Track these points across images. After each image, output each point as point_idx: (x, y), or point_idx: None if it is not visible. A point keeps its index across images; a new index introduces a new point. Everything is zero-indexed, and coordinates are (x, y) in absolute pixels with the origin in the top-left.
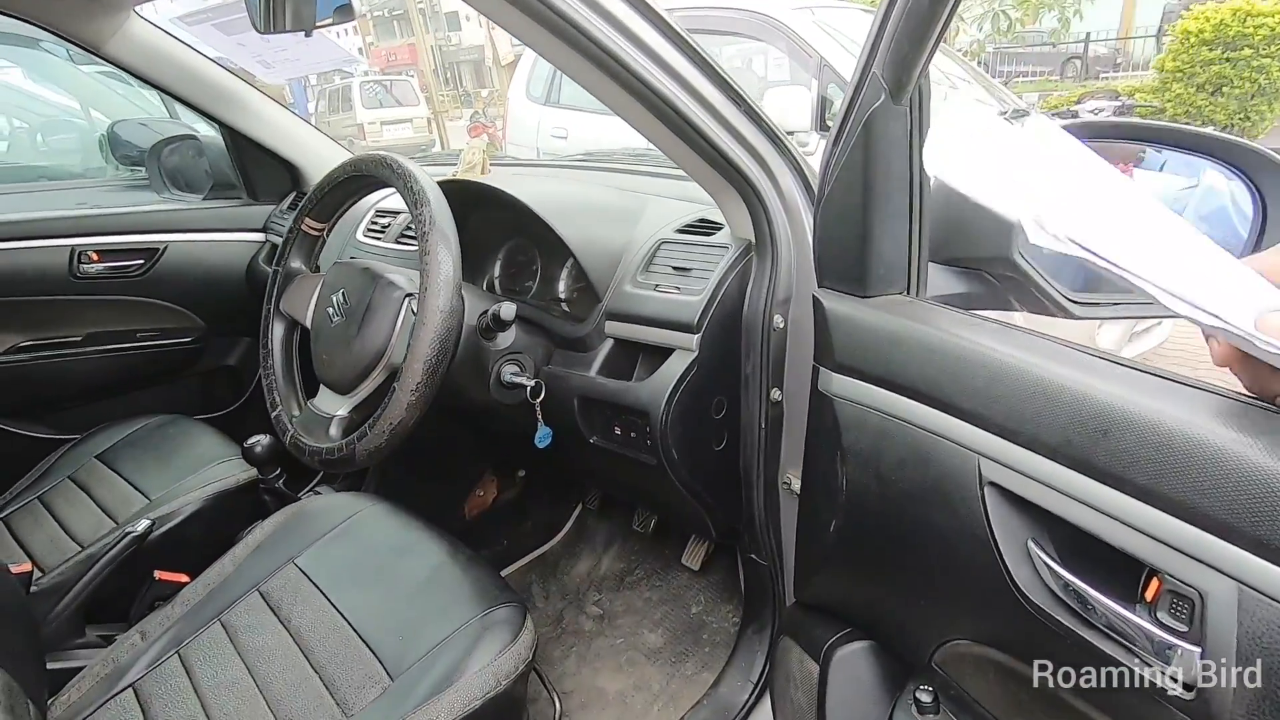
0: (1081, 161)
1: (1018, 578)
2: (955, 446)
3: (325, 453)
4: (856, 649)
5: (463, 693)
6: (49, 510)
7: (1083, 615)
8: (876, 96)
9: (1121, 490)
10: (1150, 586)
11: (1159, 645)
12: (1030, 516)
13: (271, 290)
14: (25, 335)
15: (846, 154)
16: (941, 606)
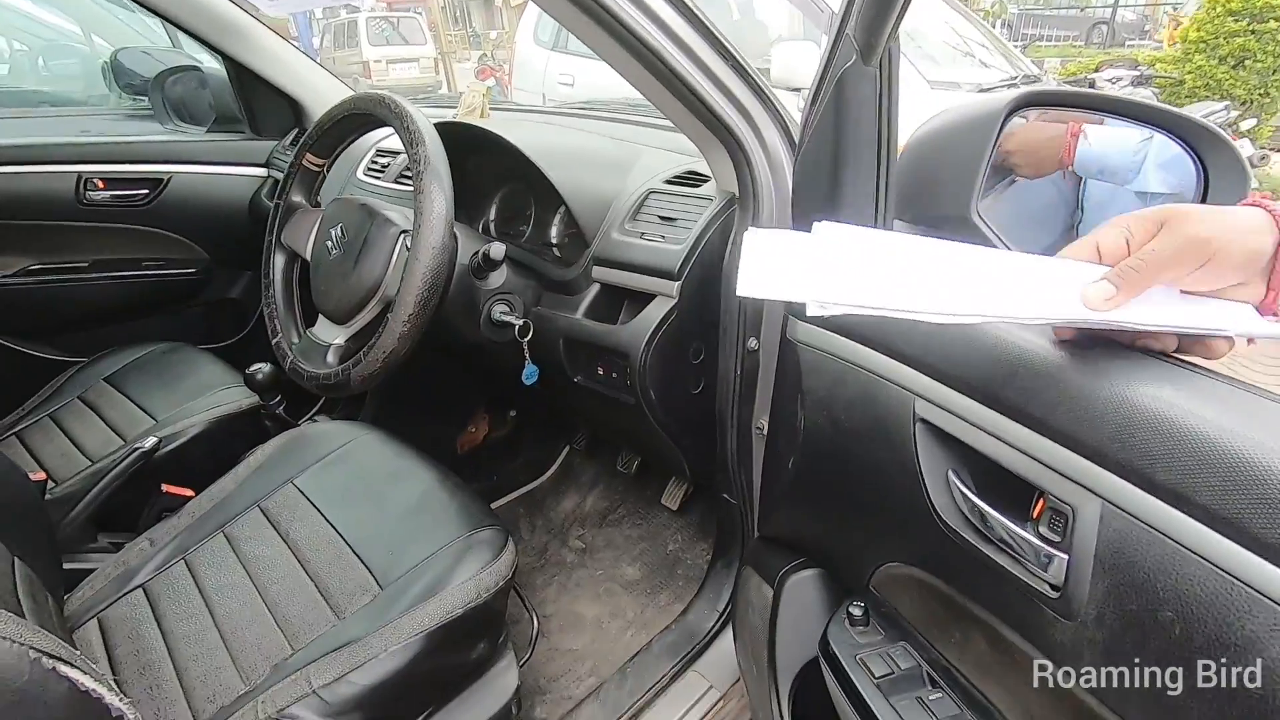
0: (873, 245)
1: (937, 504)
2: (896, 388)
3: (323, 378)
4: (806, 576)
5: (446, 601)
6: (60, 427)
7: (985, 533)
8: (848, 57)
9: (1022, 423)
10: (1038, 506)
11: (1040, 555)
12: (951, 450)
13: (273, 223)
14: (34, 259)
15: (820, 113)
16: (878, 533)
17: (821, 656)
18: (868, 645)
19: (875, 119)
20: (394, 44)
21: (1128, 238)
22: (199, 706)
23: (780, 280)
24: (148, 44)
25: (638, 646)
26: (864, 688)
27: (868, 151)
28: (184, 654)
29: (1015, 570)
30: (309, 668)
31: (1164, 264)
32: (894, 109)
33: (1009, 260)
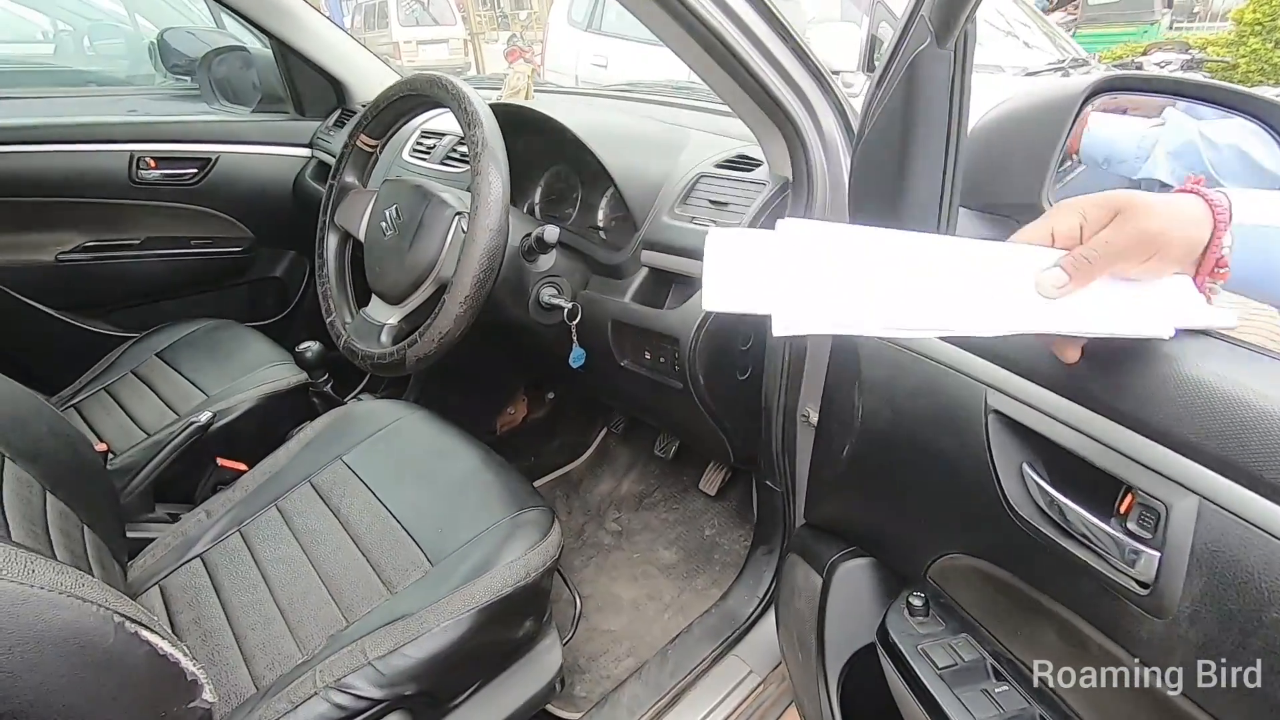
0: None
1: (1010, 496)
2: (965, 378)
3: (378, 358)
4: (858, 564)
5: (496, 580)
6: (116, 400)
7: (1063, 527)
8: (923, 39)
9: (1110, 417)
10: (1125, 502)
11: (1127, 551)
12: (1027, 441)
13: (327, 203)
14: (90, 235)
15: (889, 96)
16: (939, 523)
17: (880, 645)
18: (929, 636)
19: (946, 103)
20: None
21: (1082, 223)
22: (259, 673)
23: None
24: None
25: (675, 629)
26: (927, 678)
27: (937, 137)
28: (242, 623)
29: (1098, 565)
30: (364, 640)
31: (1116, 256)
32: (967, 94)
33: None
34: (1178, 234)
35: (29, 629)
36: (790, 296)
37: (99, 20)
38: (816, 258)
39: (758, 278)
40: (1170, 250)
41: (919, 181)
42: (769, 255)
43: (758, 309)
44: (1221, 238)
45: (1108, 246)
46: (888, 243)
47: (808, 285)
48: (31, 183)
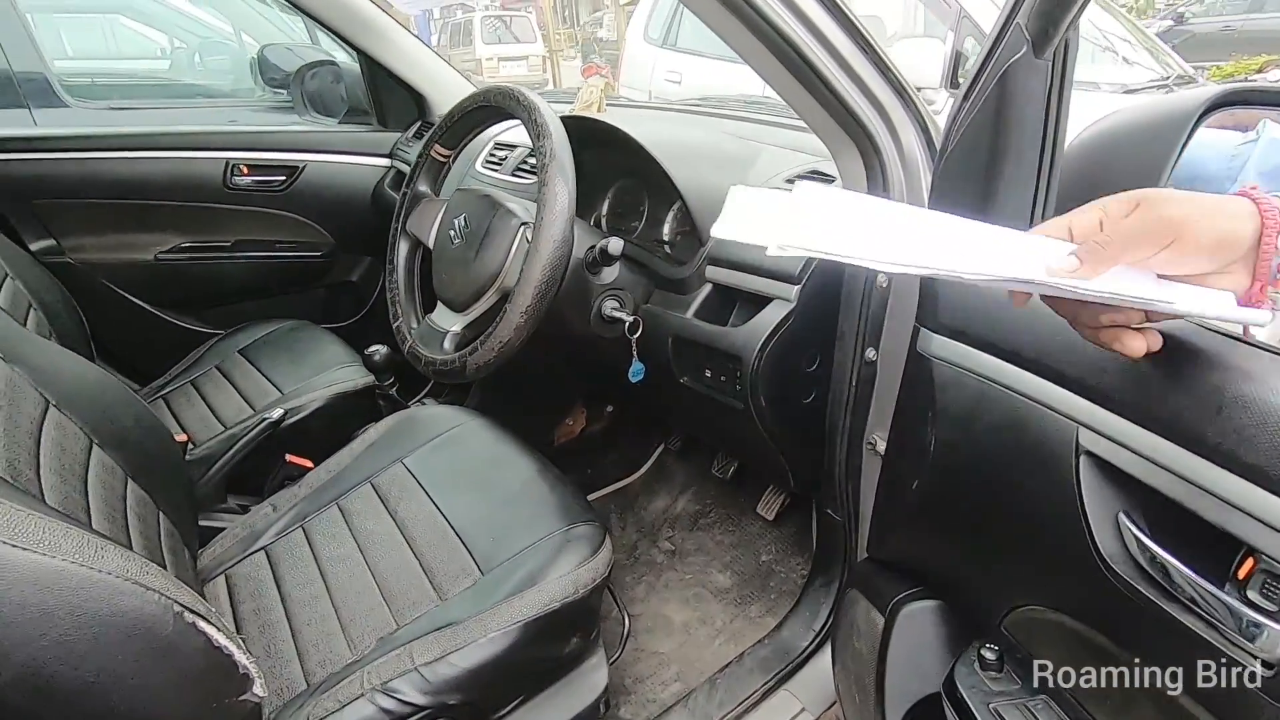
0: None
1: (1104, 548)
2: (1054, 414)
3: (439, 364)
4: (925, 606)
5: (544, 594)
6: (199, 393)
7: (1168, 589)
8: (1018, 48)
9: (1229, 469)
10: (1245, 566)
11: (1246, 623)
12: (1125, 489)
13: (399, 211)
14: (186, 237)
15: (978, 109)
16: (1018, 571)
17: (946, 698)
18: (1001, 694)
19: (1042, 117)
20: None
21: (1102, 217)
22: (311, 669)
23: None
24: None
25: (727, 656)
26: None
27: (1030, 152)
28: (299, 618)
29: (1210, 637)
30: (412, 644)
31: (1129, 240)
32: (1065, 107)
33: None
34: (1203, 223)
35: (95, 611)
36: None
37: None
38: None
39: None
40: (1193, 239)
41: (1006, 200)
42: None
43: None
44: (1275, 241)
45: (1120, 231)
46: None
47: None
48: (137, 186)
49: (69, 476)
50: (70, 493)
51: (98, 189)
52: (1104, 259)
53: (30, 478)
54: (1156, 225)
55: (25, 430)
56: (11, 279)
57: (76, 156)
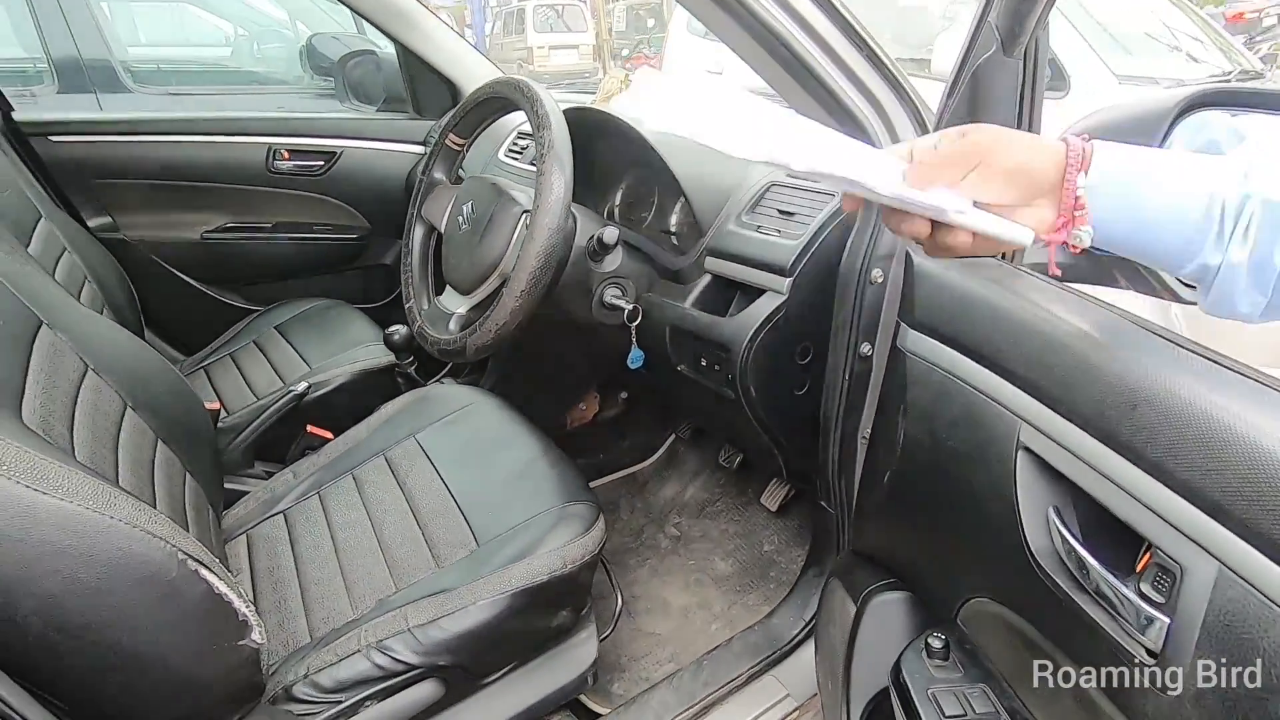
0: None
1: (1032, 542)
2: (1002, 409)
3: (443, 343)
4: (892, 597)
5: (533, 566)
6: (236, 365)
7: (1080, 582)
8: (988, 47)
9: (1137, 465)
10: (1143, 560)
11: (1141, 615)
12: (1056, 485)
13: (416, 197)
14: (230, 217)
15: (956, 103)
16: (969, 564)
17: (891, 685)
18: (943, 681)
19: (1014, 113)
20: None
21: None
22: (314, 624)
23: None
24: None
25: (720, 641)
26: None
27: None
28: (308, 577)
29: (1109, 628)
30: (407, 607)
31: (945, 160)
32: (1037, 104)
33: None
34: (1005, 150)
35: (106, 553)
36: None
37: (268, 26)
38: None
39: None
40: (996, 164)
41: None
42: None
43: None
44: (1074, 177)
45: (937, 154)
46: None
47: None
48: (186, 168)
49: (101, 435)
50: (101, 450)
51: (151, 170)
52: (924, 176)
53: (62, 433)
54: (968, 149)
55: (63, 391)
56: (70, 253)
57: (133, 139)
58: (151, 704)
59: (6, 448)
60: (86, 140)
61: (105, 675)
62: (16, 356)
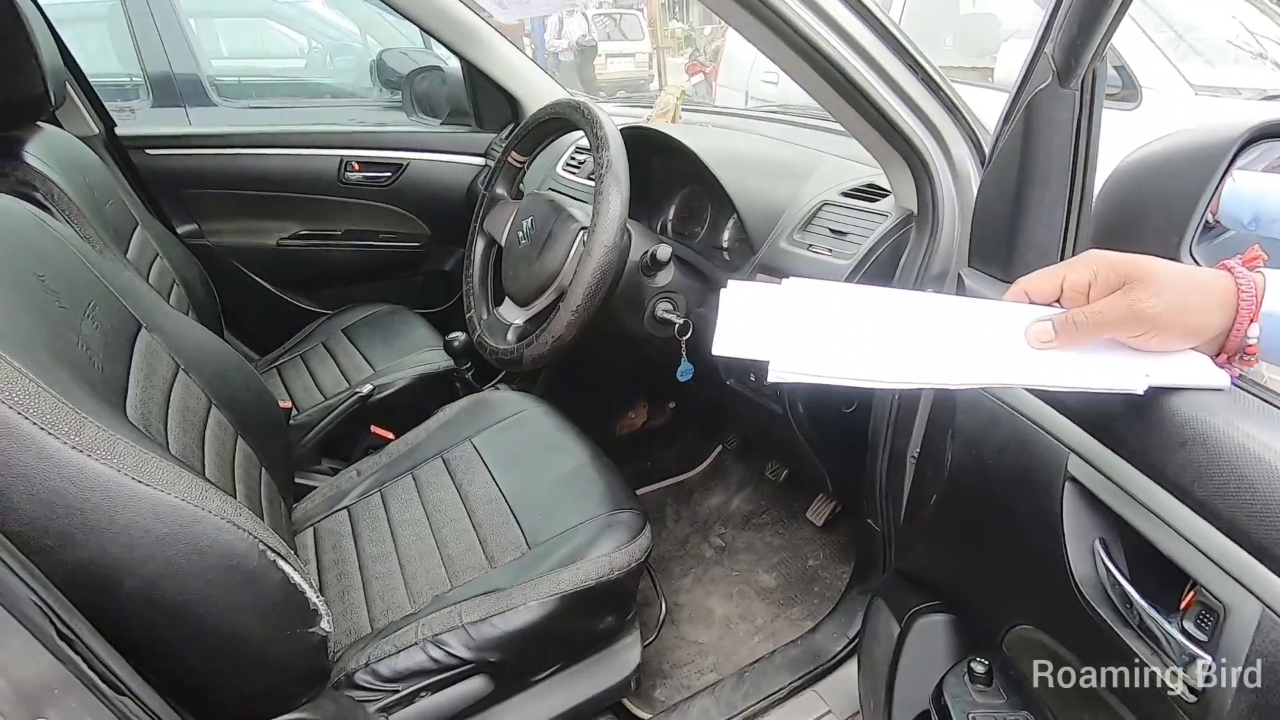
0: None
1: (1078, 574)
2: (1050, 439)
3: (501, 353)
4: (937, 620)
5: (582, 571)
6: (306, 366)
7: (1124, 616)
8: (1044, 78)
9: (1184, 502)
10: (1188, 597)
11: (1183, 653)
12: (1102, 517)
13: (478, 211)
14: (303, 225)
15: (1009, 134)
16: (1014, 591)
17: (933, 707)
18: (985, 707)
19: (1070, 145)
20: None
21: (1091, 280)
22: (375, 616)
23: (752, 339)
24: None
25: (763, 653)
26: None
27: (1058, 180)
28: (370, 571)
29: (1153, 664)
30: (461, 604)
31: (1103, 327)
32: (1094, 135)
33: (963, 307)
34: (1179, 320)
35: (198, 541)
36: (787, 345)
37: (339, 40)
38: (816, 313)
39: (763, 327)
40: (1166, 333)
41: (1036, 227)
42: (776, 308)
43: (758, 355)
44: (1245, 328)
45: (1098, 317)
46: (886, 302)
47: (804, 336)
48: (265, 179)
49: (190, 430)
50: (190, 444)
51: (235, 181)
52: (1076, 337)
53: (159, 429)
54: (1134, 317)
55: (159, 389)
56: (161, 258)
57: (220, 153)
58: (230, 680)
59: (116, 443)
60: (178, 153)
61: (191, 651)
62: (121, 357)
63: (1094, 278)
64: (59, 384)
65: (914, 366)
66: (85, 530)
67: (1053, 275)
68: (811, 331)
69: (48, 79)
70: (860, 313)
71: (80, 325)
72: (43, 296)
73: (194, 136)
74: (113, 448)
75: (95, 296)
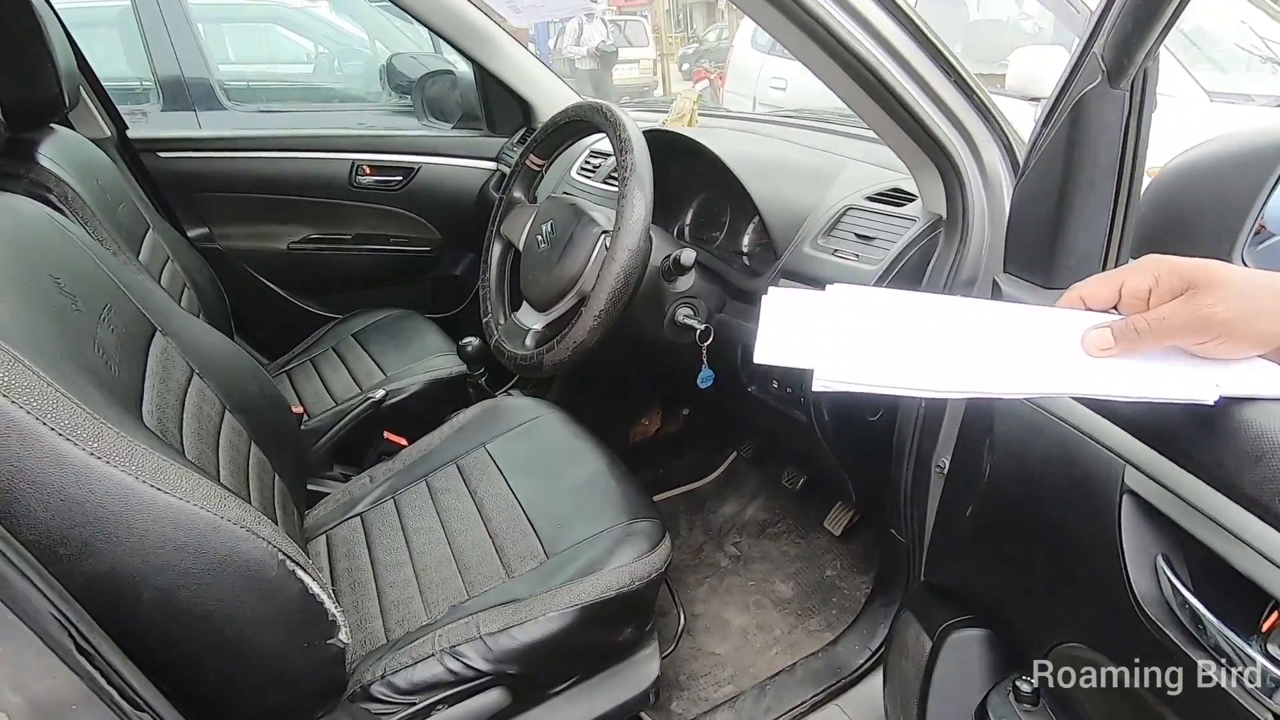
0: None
1: (1139, 590)
2: (1102, 450)
3: (520, 358)
4: (972, 635)
5: (601, 582)
6: (316, 370)
7: (1195, 637)
8: (1093, 78)
9: (1264, 519)
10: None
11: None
12: (1164, 531)
13: (495, 215)
14: (314, 229)
15: (1052, 135)
16: (1061, 606)
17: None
18: None
19: (1118, 147)
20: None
21: (1153, 286)
22: (390, 626)
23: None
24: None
25: (781, 665)
26: None
27: (1104, 183)
28: (385, 580)
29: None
30: (479, 615)
31: (1167, 334)
32: (1143, 137)
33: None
34: (1250, 326)
35: (217, 551)
36: (832, 353)
37: (347, 45)
38: (861, 320)
39: (806, 335)
40: (1237, 340)
41: (1079, 232)
42: (819, 315)
43: (802, 363)
44: None
45: (1162, 323)
46: (935, 308)
47: (850, 344)
48: (276, 182)
49: (205, 435)
50: (205, 449)
51: (245, 184)
52: (1137, 344)
53: (174, 434)
54: (1201, 324)
55: (174, 393)
56: (172, 261)
57: (231, 155)
58: (248, 693)
59: (134, 449)
60: (190, 156)
61: (209, 663)
62: (136, 361)
63: (1155, 283)
64: (76, 388)
65: (965, 376)
66: (103, 539)
67: (1110, 280)
68: (857, 339)
69: (62, 81)
70: (908, 320)
71: (96, 329)
72: (59, 299)
73: (206, 140)
74: (131, 454)
75: (110, 299)
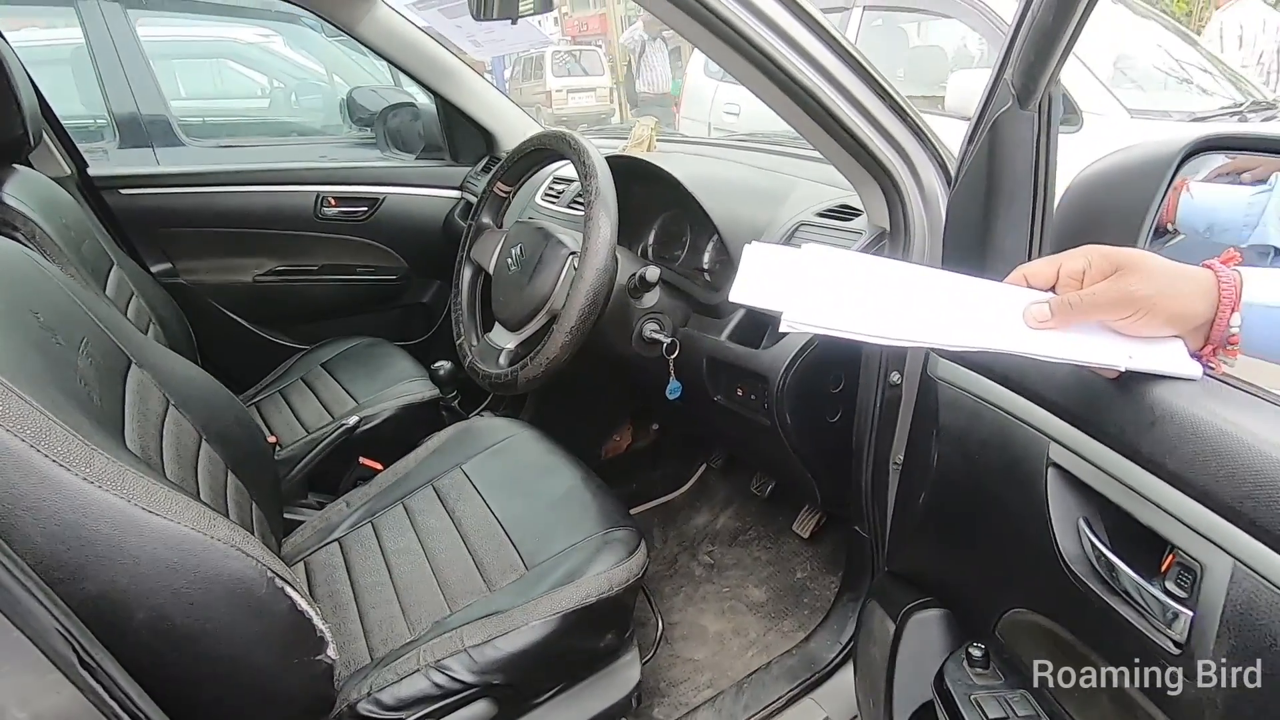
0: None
1: (1066, 552)
2: (1031, 430)
3: (494, 377)
4: (931, 615)
5: (581, 589)
6: (286, 401)
7: (1111, 584)
8: (1005, 101)
9: (1158, 475)
10: (1166, 561)
11: (1166, 611)
12: (1084, 497)
13: (465, 240)
14: (279, 261)
15: (975, 152)
16: (1006, 577)
17: (935, 693)
18: (985, 687)
19: (1031, 161)
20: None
21: (1086, 268)
22: (374, 646)
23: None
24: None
25: (757, 666)
26: None
27: (1022, 194)
28: (366, 601)
29: (1139, 624)
30: (463, 629)
31: (1096, 308)
32: (1052, 153)
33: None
34: (1166, 305)
35: (207, 570)
36: (800, 299)
37: (304, 79)
38: (830, 275)
39: (779, 283)
40: (1153, 316)
41: (1004, 236)
42: (793, 268)
43: (773, 306)
44: (1228, 317)
45: (1091, 298)
46: (897, 272)
47: (817, 293)
48: (240, 216)
49: (184, 465)
50: (185, 478)
51: (210, 218)
52: (1072, 317)
53: (157, 462)
54: (1125, 300)
55: (152, 424)
56: (137, 297)
57: (194, 190)
58: (241, 713)
59: (125, 473)
60: (152, 192)
61: (202, 682)
62: (114, 392)
63: (1088, 266)
64: (67, 417)
65: (917, 326)
66: (96, 562)
67: (1051, 262)
68: (824, 290)
69: (27, 121)
70: (872, 278)
71: (77, 360)
72: (40, 333)
73: (168, 175)
74: (122, 478)
75: (87, 333)
